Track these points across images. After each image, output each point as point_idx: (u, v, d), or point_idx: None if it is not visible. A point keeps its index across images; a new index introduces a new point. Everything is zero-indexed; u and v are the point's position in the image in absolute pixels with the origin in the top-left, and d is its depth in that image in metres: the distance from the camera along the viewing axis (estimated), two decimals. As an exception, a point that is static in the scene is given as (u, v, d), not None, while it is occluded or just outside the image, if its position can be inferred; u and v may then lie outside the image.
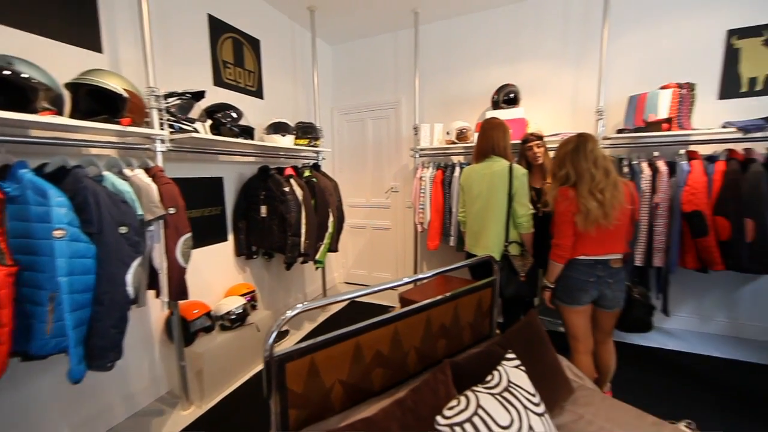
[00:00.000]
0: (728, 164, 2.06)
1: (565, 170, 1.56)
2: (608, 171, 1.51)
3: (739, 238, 1.98)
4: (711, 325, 2.57)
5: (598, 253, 1.55)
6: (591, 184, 1.48)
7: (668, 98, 2.18)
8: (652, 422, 1.18)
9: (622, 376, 1.98)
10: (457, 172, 2.82)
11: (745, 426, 1.67)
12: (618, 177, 1.55)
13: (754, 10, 2.26)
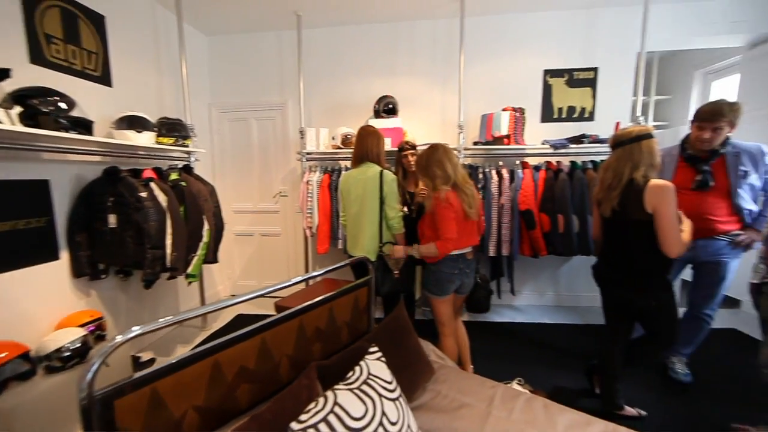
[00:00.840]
0: (546, 173, 2.67)
1: (441, 171, 1.74)
2: (465, 177, 1.78)
3: (555, 230, 2.58)
4: (545, 298, 3.27)
5: (462, 246, 1.80)
6: (462, 182, 1.71)
7: (507, 118, 2.69)
8: (491, 386, 1.42)
9: (482, 350, 2.36)
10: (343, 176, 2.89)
11: (562, 374, 2.16)
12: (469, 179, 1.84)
13: (560, 56, 2.98)
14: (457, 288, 1.86)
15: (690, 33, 2.86)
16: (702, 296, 1.97)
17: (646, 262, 1.54)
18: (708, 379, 2.07)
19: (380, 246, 1.98)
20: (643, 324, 1.68)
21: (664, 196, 1.43)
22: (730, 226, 1.81)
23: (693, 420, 1.78)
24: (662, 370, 2.15)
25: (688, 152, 1.89)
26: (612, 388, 1.77)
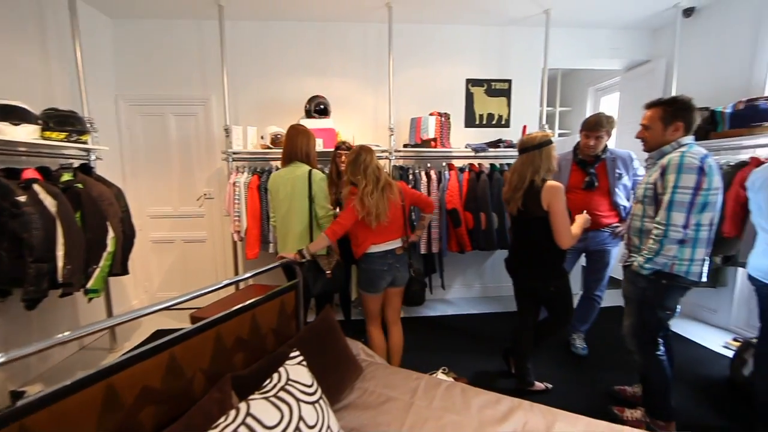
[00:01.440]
0: (470, 174, 2.88)
1: (347, 176, 1.83)
2: (378, 178, 1.80)
3: (478, 227, 2.81)
4: (472, 290, 3.53)
5: (382, 241, 1.85)
6: (365, 189, 1.74)
7: (434, 123, 2.84)
8: (416, 377, 1.49)
9: (415, 344, 2.46)
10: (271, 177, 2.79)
11: (485, 359, 2.35)
12: (389, 179, 1.88)
13: (480, 67, 3.25)
14: (392, 281, 1.91)
15: (582, 55, 3.33)
16: (593, 280, 2.31)
17: (545, 253, 1.76)
18: (600, 350, 2.42)
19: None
20: (546, 307, 1.91)
21: (556, 195, 1.65)
22: (610, 219, 2.15)
23: (588, 386, 2.08)
24: (566, 346, 2.47)
25: (579, 157, 2.20)
26: (524, 367, 1.98)
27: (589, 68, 3.61)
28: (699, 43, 2.88)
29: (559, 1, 2.78)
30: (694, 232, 1.44)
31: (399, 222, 1.92)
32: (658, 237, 1.46)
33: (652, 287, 1.54)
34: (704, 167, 1.39)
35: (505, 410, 1.27)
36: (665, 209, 1.44)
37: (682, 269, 1.47)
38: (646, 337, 1.62)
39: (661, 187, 1.48)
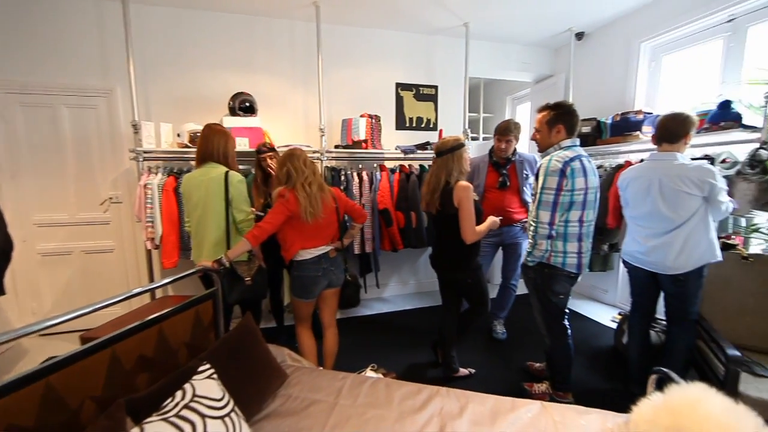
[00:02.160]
0: (400, 175, 2.99)
1: (285, 168, 1.76)
2: (315, 171, 1.81)
3: (409, 226, 2.92)
4: (407, 287, 3.65)
5: (313, 245, 1.82)
6: (302, 178, 1.71)
7: (364, 124, 2.88)
8: (341, 377, 1.50)
9: (349, 344, 2.47)
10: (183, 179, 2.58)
11: (417, 352, 2.45)
12: (323, 182, 1.87)
13: (408, 72, 3.38)
14: (327, 284, 1.89)
15: (498, 66, 3.66)
16: (508, 270, 2.56)
17: (461, 248, 1.90)
18: (517, 334, 2.69)
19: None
20: (465, 298, 2.06)
21: (465, 194, 1.79)
22: (521, 215, 2.40)
23: (506, 367, 2.29)
24: (488, 332, 2.69)
25: (493, 159, 2.41)
26: (449, 355, 2.11)
27: (506, 79, 3.97)
28: (589, 63, 3.36)
29: (476, 16, 3.02)
30: (563, 228, 1.64)
31: (333, 226, 1.91)
32: (532, 233, 1.68)
33: (539, 276, 1.75)
34: (566, 170, 1.57)
35: (424, 398, 1.34)
36: (535, 208, 1.65)
37: (558, 260, 1.68)
38: (551, 321, 1.82)
39: (536, 188, 1.68)
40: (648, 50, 2.87)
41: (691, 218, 1.61)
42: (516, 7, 2.85)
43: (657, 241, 1.69)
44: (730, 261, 1.76)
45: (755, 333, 1.70)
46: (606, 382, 2.12)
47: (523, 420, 1.22)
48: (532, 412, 1.25)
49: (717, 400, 0.86)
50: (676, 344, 1.75)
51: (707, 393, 0.88)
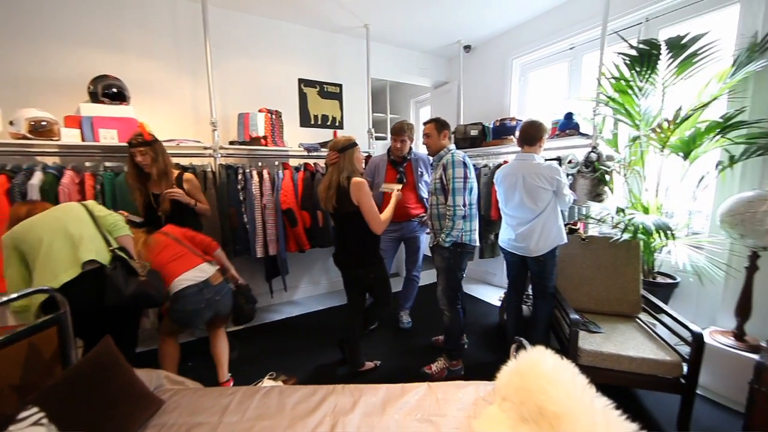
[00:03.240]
0: (305, 173, 2.90)
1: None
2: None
3: (316, 225, 2.86)
4: (319, 287, 3.59)
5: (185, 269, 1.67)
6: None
7: (263, 120, 2.72)
8: (229, 393, 1.38)
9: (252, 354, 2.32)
10: (37, 178, 2.08)
11: (325, 353, 2.42)
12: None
13: (312, 69, 3.30)
14: (215, 314, 1.76)
15: (399, 70, 3.85)
16: (410, 262, 2.71)
17: (362, 244, 1.94)
18: (421, 321, 2.86)
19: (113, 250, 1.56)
20: (369, 293, 2.12)
21: (361, 190, 1.83)
22: (418, 210, 2.56)
23: (411, 353, 2.42)
24: (395, 323, 2.81)
25: (391, 158, 2.52)
26: (355, 351, 2.14)
27: (408, 83, 4.20)
28: (475, 73, 3.77)
29: (375, 19, 3.10)
30: (469, 210, 1.97)
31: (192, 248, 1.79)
32: (451, 216, 1.92)
33: (453, 255, 2.00)
34: (465, 162, 1.95)
35: (318, 399, 1.33)
36: (451, 195, 1.92)
37: (467, 238, 2.00)
38: (451, 295, 2.07)
39: (447, 180, 1.94)
40: (518, 66, 3.35)
41: (546, 209, 1.93)
42: (412, 15, 3.02)
43: (523, 229, 1.99)
44: (574, 242, 2.18)
45: (592, 298, 2.13)
46: (493, 354, 2.41)
47: (410, 403, 1.30)
48: (419, 394, 1.34)
49: (549, 359, 1.04)
50: (539, 315, 2.09)
51: (543, 354, 1.06)
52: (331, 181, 1.88)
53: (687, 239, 2.05)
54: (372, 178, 2.61)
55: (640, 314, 2.05)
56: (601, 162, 2.23)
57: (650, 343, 1.77)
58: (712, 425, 1.67)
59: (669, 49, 1.82)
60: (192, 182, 2.17)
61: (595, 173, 2.25)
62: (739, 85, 1.86)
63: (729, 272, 1.93)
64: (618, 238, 2.01)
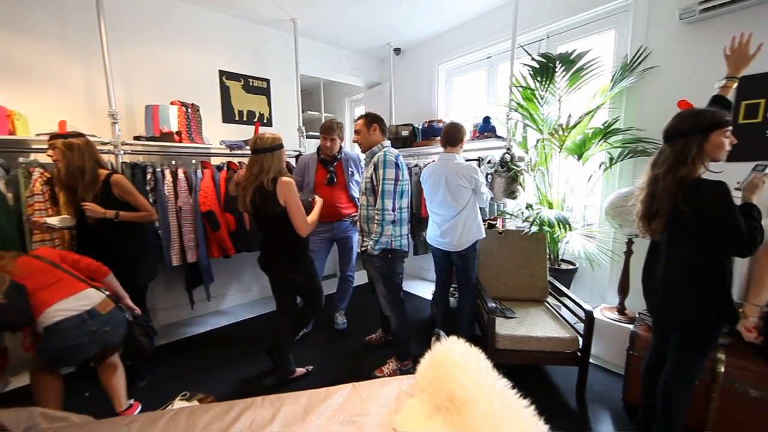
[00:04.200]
0: (228, 173, 2.70)
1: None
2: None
3: (242, 228, 2.67)
4: (251, 294, 3.38)
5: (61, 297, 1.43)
6: None
7: (176, 113, 2.46)
8: (128, 422, 1.21)
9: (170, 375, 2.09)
10: None
11: (254, 363, 2.27)
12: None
13: (235, 61, 3.08)
14: (102, 349, 1.53)
15: (331, 69, 3.79)
16: (344, 263, 2.69)
17: (290, 246, 1.86)
18: (357, 321, 2.86)
19: None
20: (300, 295, 2.05)
21: (290, 190, 1.76)
22: (350, 210, 2.55)
23: (348, 353, 2.39)
24: (330, 325, 2.76)
25: (321, 157, 2.47)
26: (285, 358, 2.05)
27: (342, 81, 4.16)
28: (406, 75, 3.88)
29: (303, 14, 3.01)
30: (399, 214, 1.90)
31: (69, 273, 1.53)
32: (379, 221, 1.84)
33: (384, 262, 1.93)
34: (398, 163, 1.88)
35: (233, 417, 1.23)
36: (380, 198, 1.83)
37: (398, 244, 1.93)
38: (394, 300, 2.02)
39: (377, 181, 1.87)
40: (444, 71, 3.53)
41: (466, 206, 2.06)
42: (341, 13, 2.99)
43: (447, 225, 2.09)
44: (492, 236, 2.36)
45: (509, 286, 2.33)
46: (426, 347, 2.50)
47: (334, 406, 1.27)
48: (344, 396, 1.32)
49: (459, 348, 1.10)
50: (464, 305, 2.22)
51: (454, 344, 1.12)
52: (254, 181, 1.76)
53: (582, 230, 2.36)
54: (301, 177, 2.53)
55: (548, 298, 2.31)
56: (513, 162, 2.44)
57: (554, 323, 1.99)
58: (601, 389, 1.94)
59: (561, 63, 2.07)
60: (121, 185, 1.83)
61: (509, 172, 2.47)
62: (616, 98, 2.19)
63: (613, 257, 2.26)
64: (528, 231, 2.23)
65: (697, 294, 1.30)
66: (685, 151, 1.26)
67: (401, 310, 2.04)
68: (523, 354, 1.91)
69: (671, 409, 1.44)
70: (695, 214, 1.21)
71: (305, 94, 5.30)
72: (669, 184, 1.28)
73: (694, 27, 1.93)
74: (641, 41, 2.11)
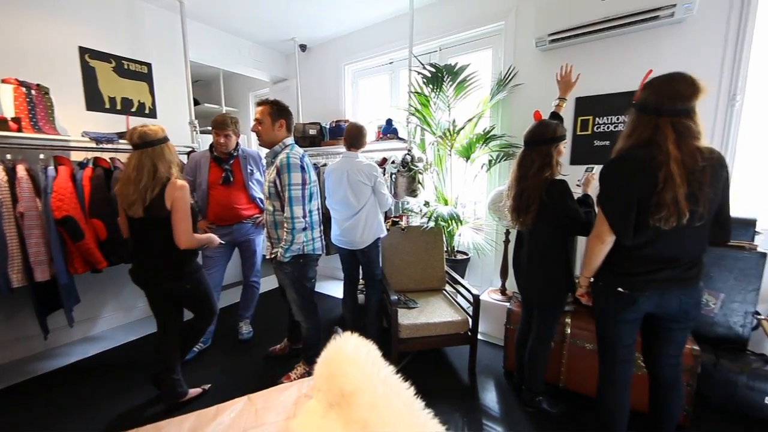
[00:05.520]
0: (94, 170, 2.26)
1: None
2: None
3: (115, 236, 2.26)
4: (133, 313, 2.90)
5: None
6: None
7: (10, 94, 1.95)
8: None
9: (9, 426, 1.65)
10: None
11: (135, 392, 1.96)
12: None
13: (103, 38, 2.59)
14: None
15: (230, 59, 3.50)
16: (247, 267, 2.51)
17: (173, 253, 1.65)
18: (264, 329, 2.70)
19: None
20: (187, 307, 1.83)
21: (182, 194, 1.57)
22: (251, 211, 2.39)
23: (253, 364, 2.24)
24: (234, 336, 2.55)
25: (214, 154, 2.26)
26: (172, 380, 1.81)
27: (244, 74, 3.86)
28: (313, 73, 3.81)
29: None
30: (310, 218, 1.81)
31: None
32: (289, 230, 1.72)
33: (296, 268, 1.83)
34: (303, 165, 1.75)
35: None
36: (288, 205, 1.70)
37: (310, 248, 1.85)
38: (307, 307, 1.94)
39: (282, 187, 1.73)
40: (350, 72, 3.58)
41: (366, 204, 2.12)
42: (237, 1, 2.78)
43: (348, 223, 2.13)
44: (396, 233, 2.49)
45: (412, 279, 2.49)
46: (336, 346, 2.51)
47: (224, 423, 1.18)
48: (236, 411, 1.24)
49: (351, 342, 1.13)
50: (370, 301, 2.30)
51: (347, 339, 1.15)
52: (139, 180, 1.54)
53: (472, 224, 2.67)
54: (193, 177, 2.27)
55: (446, 287, 2.54)
56: (413, 163, 2.62)
57: (450, 309, 2.21)
58: (488, 362, 2.22)
59: (447, 74, 2.30)
60: None
61: (410, 172, 2.64)
62: (494, 108, 2.53)
63: (496, 247, 2.61)
64: (426, 226, 2.41)
65: (550, 271, 1.60)
66: (549, 155, 1.53)
67: (313, 315, 1.98)
68: (424, 340, 2.07)
69: (535, 368, 1.74)
70: (553, 205, 1.48)
71: (202, 85, 4.80)
72: (537, 183, 1.54)
73: (547, 53, 2.35)
74: (511, 61, 2.48)
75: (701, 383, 1.66)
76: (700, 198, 1.06)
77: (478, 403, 1.88)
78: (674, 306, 1.19)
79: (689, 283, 1.17)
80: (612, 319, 1.28)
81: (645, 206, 1.11)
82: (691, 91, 1.07)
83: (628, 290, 1.21)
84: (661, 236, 1.13)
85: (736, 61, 1.82)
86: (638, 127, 1.15)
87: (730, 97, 1.84)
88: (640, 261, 1.19)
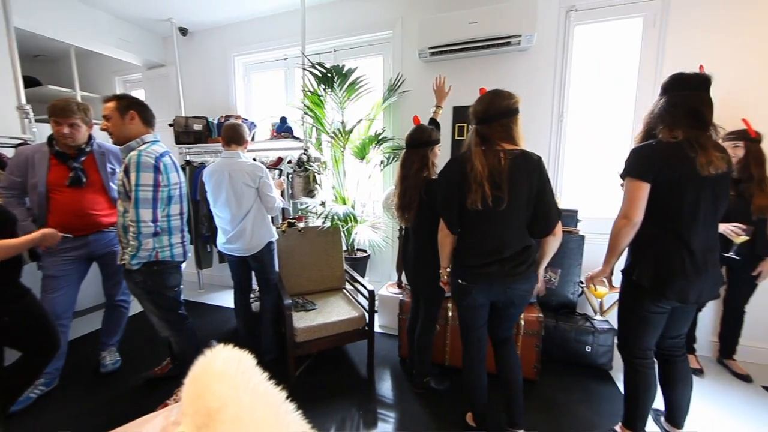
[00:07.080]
0: None
1: None
2: None
3: None
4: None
5: None
6: None
7: None
8: None
9: None
10: None
11: None
12: None
13: None
14: None
15: (86, 35, 2.89)
16: (111, 285, 2.11)
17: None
18: (136, 354, 2.31)
19: None
20: (9, 345, 1.45)
21: None
22: (113, 218, 2.01)
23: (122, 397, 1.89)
24: (95, 370, 2.13)
25: (56, 149, 1.84)
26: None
27: (106, 54, 3.23)
28: (196, 61, 3.42)
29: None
30: (166, 223, 1.62)
31: None
32: (134, 234, 1.50)
33: (149, 277, 1.61)
34: (159, 166, 1.54)
35: None
36: (133, 207, 1.49)
37: (167, 254, 1.64)
38: (171, 317, 1.73)
39: (128, 185, 1.51)
40: (241, 65, 3.33)
41: (252, 208, 2.00)
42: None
43: (234, 231, 1.99)
44: (293, 234, 2.42)
45: (311, 280, 2.45)
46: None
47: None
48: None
49: (222, 354, 1.05)
50: (266, 308, 2.18)
51: (217, 352, 1.06)
52: None
53: (368, 222, 2.76)
54: (22, 177, 1.81)
55: (346, 285, 2.58)
56: (309, 163, 2.58)
57: (348, 307, 2.25)
58: (385, 353, 2.34)
59: (337, 75, 2.34)
60: None
61: (306, 172, 2.59)
62: (386, 112, 2.67)
63: (392, 243, 2.77)
64: (323, 226, 2.41)
65: (430, 262, 1.76)
66: (426, 157, 1.69)
67: (181, 327, 1.79)
68: (322, 341, 2.06)
69: (422, 352, 1.90)
70: (431, 203, 1.63)
71: (43, 62, 3.89)
72: (417, 182, 1.67)
73: (429, 64, 2.59)
74: (399, 69, 2.66)
75: (545, 343, 2.05)
76: (502, 185, 1.28)
77: (374, 394, 1.96)
78: (502, 296, 1.43)
79: (517, 278, 1.37)
80: (460, 305, 1.51)
81: (462, 193, 1.35)
82: (487, 107, 1.35)
83: (465, 282, 1.42)
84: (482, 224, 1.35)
85: (561, 87, 2.30)
86: (469, 134, 1.42)
87: (559, 115, 2.33)
88: (474, 255, 1.40)
